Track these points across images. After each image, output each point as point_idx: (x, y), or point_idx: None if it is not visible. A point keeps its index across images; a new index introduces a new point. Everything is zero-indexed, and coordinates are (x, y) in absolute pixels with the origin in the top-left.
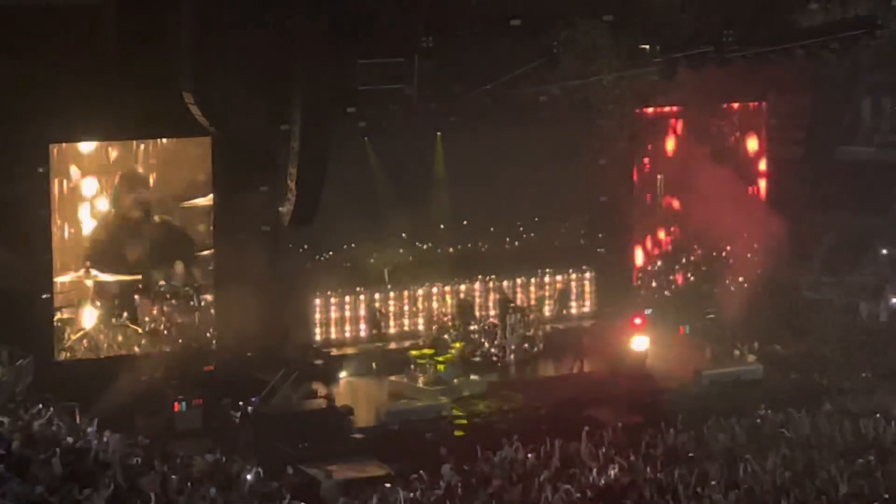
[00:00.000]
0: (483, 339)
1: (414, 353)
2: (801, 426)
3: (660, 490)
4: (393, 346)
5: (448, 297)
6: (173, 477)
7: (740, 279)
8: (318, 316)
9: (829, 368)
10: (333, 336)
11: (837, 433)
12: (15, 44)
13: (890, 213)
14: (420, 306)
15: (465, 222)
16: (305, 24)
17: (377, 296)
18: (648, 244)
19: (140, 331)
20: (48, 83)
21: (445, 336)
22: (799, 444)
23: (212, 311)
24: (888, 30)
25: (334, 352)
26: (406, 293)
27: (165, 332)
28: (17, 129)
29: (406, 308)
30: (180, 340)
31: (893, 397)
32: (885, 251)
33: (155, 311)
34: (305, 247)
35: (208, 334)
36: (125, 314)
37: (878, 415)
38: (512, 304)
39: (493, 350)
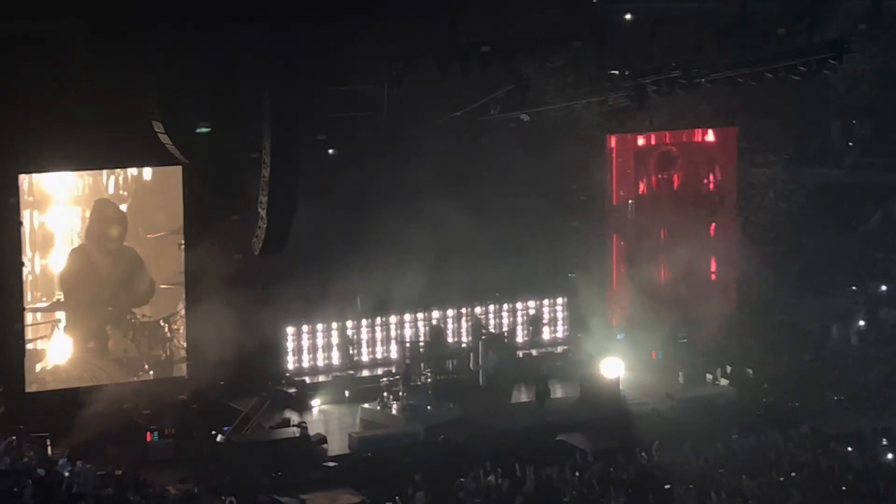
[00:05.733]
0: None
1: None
2: (774, 449)
3: None
4: (365, 373)
5: (421, 324)
6: None
7: (713, 303)
8: (290, 344)
9: (802, 391)
10: (306, 364)
11: (810, 456)
12: None
13: (861, 234)
14: (393, 333)
15: (437, 250)
16: (275, 52)
17: (350, 323)
18: (621, 269)
19: (111, 361)
20: (17, 113)
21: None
22: (772, 466)
23: (183, 340)
24: (855, 53)
25: (307, 380)
26: (379, 320)
27: (137, 362)
28: None
29: (379, 335)
30: (151, 371)
31: (864, 419)
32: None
33: (126, 342)
34: (277, 275)
35: (180, 364)
36: (96, 345)
37: (849, 437)
38: (485, 330)
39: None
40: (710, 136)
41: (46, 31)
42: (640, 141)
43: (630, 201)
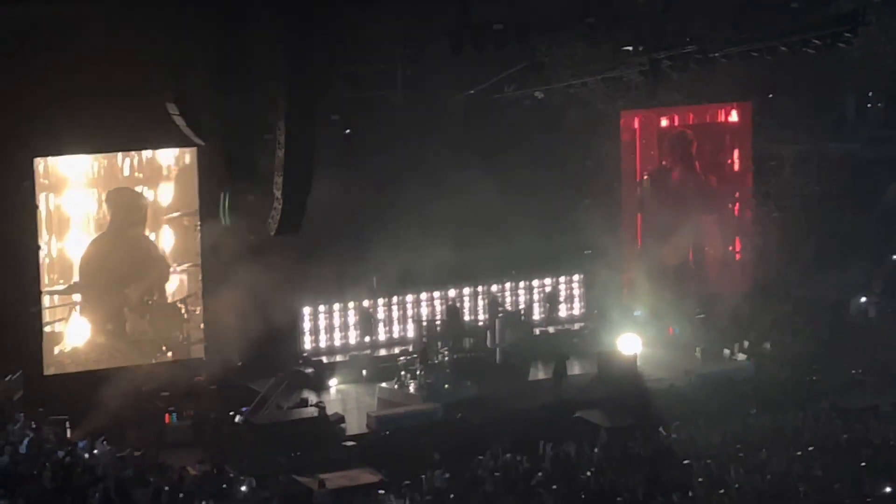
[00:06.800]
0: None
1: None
2: (792, 424)
3: (650, 489)
4: (383, 352)
5: (437, 303)
6: (166, 489)
7: (730, 279)
8: (307, 324)
9: (820, 366)
10: (323, 344)
11: (828, 430)
12: None
13: (877, 208)
14: (409, 312)
15: (453, 228)
16: (288, 32)
17: (366, 303)
18: (636, 245)
19: (129, 344)
20: (32, 97)
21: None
22: (790, 442)
23: (201, 322)
24: (870, 26)
25: (324, 360)
26: (395, 299)
27: (154, 344)
28: (1, 142)
29: (395, 314)
30: (169, 353)
31: (882, 394)
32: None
33: (144, 324)
34: (293, 255)
35: (198, 345)
36: (114, 327)
37: (867, 411)
38: (501, 308)
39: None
40: (734, 117)
41: (60, 15)
42: (664, 122)
43: (645, 177)
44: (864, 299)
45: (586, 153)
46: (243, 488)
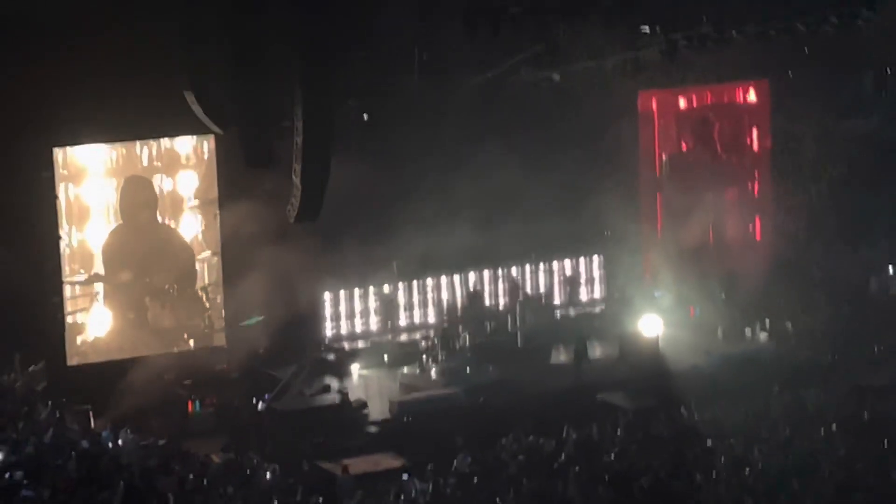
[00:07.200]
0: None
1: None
2: (815, 403)
3: (674, 470)
4: (404, 338)
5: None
6: (190, 477)
7: (750, 259)
8: (328, 310)
9: (842, 344)
10: (344, 330)
11: (851, 409)
12: (17, 48)
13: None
14: (430, 297)
15: (473, 212)
16: (302, 19)
17: (387, 288)
18: (656, 227)
19: (151, 333)
20: (50, 87)
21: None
22: (812, 421)
23: (222, 311)
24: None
25: (346, 346)
26: (416, 284)
27: (176, 332)
28: (20, 133)
29: (416, 299)
30: (191, 341)
31: None
32: None
33: (165, 313)
34: (313, 242)
35: (220, 333)
36: (136, 317)
37: (890, 390)
38: (522, 292)
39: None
40: (752, 96)
41: (75, 5)
42: (682, 102)
43: (664, 157)
44: (892, 270)
45: (604, 135)
46: (267, 475)
